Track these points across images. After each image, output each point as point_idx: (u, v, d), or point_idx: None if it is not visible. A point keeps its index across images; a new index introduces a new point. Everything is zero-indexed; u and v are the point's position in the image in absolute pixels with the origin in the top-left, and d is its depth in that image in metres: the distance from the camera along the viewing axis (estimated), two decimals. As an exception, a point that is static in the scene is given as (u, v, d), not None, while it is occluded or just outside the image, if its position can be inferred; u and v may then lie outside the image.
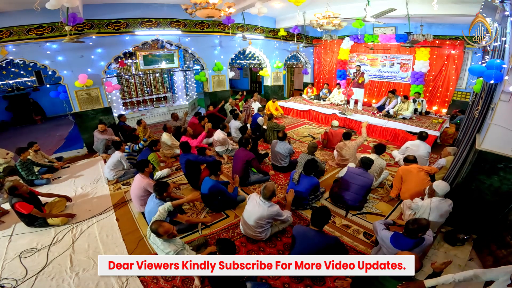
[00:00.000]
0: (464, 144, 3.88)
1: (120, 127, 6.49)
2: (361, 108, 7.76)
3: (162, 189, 3.00)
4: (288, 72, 12.29)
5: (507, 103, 2.59)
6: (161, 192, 3.00)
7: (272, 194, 2.95)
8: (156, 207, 2.92)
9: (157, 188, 3.01)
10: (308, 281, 2.57)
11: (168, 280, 2.63)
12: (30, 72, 6.57)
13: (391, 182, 4.12)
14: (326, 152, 5.68)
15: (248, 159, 4.20)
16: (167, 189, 3.05)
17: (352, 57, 9.64)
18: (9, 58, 5.15)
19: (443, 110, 7.76)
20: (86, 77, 5.69)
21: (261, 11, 5.60)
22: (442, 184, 2.91)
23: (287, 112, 8.96)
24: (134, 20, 6.11)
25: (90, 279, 2.68)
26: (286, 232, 3.25)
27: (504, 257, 2.63)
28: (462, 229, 3.10)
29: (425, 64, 7.70)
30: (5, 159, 4.85)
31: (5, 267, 2.87)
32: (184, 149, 4.35)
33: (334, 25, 5.55)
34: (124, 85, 8.50)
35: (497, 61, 2.74)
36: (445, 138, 6.10)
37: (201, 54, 7.64)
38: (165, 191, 3.02)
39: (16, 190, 3.31)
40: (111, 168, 4.62)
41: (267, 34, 8.86)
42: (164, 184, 3.06)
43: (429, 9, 4.95)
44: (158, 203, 2.95)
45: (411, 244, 2.31)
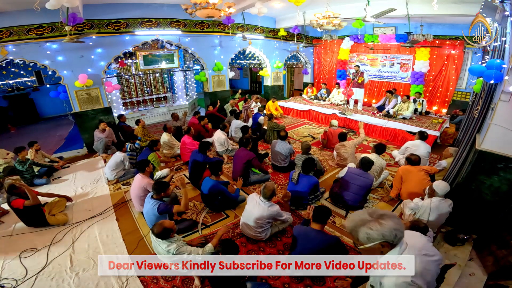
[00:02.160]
0: (464, 144, 3.88)
1: (120, 127, 6.49)
2: (361, 108, 7.76)
3: (161, 189, 3.00)
4: (288, 72, 12.29)
5: (507, 103, 2.59)
6: (159, 191, 2.99)
7: (272, 194, 2.95)
8: (152, 208, 2.91)
9: (156, 187, 2.99)
10: (308, 281, 2.57)
11: (168, 280, 2.63)
12: (30, 72, 6.58)
13: (391, 182, 4.12)
14: (326, 152, 5.68)
15: (249, 159, 4.21)
16: (166, 190, 3.05)
17: (352, 57, 9.65)
18: (9, 58, 5.15)
19: (443, 110, 7.76)
20: (86, 77, 5.69)
21: (261, 11, 5.60)
22: (442, 184, 2.91)
23: (287, 112, 8.96)
24: (134, 20, 6.11)
25: (90, 279, 2.67)
26: (286, 232, 3.25)
27: (504, 257, 2.63)
28: (462, 229, 3.10)
29: (425, 64, 7.70)
30: (5, 159, 4.86)
31: (5, 267, 2.87)
32: (200, 149, 4.27)
33: (334, 25, 5.55)
34: (124, 85, 8.50)
35: (497, 61, 2.75)
36: (445, 138, 6.10)
37: (201, 54, 7.64)
38: (163, 191, 3.02)
39: (15, 189, 3.32)
40: (113, 168, 4.62)
41: (267, 34, 8.86)
42: (164, 184, 3.05)
43: (429, 9, 4.95)
44: (153, 204, 2.93)
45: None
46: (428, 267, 1.33)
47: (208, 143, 4.46)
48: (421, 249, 1.37)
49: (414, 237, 1.50)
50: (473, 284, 2.61)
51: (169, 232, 2.46)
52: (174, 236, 2.56)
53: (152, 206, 2.92)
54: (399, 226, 1.24)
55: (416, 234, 1.55)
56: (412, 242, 1.37)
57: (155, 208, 2.89)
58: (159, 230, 2.42)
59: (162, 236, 2.45)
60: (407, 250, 1.30)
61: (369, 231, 1.23)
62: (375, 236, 1.23)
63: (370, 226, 1.23)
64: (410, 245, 1.33)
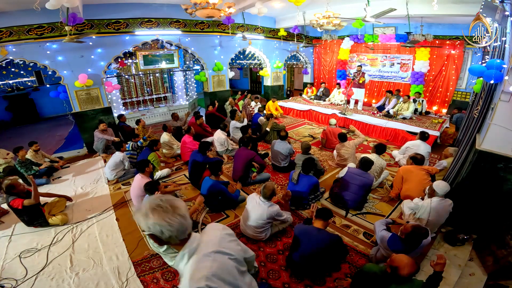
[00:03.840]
0: (464, 144, 3.88)
1: (120, 127, 6.49)
2: (361, 108, 7.76)
3: (153, 189, 3.08)
4: (288, 72, 12.29)
5: (507, 103, 2.59)
6: (153, 191, 3.06)
7: (272, 194, 2.95)
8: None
9: (148, 188, 3.08)
10: (308, 281, 2.57)
11: (168, 280, 2.63)
12: (30, 72, 6.57)
13: (391, 182, 4.12)
14: (325, 152, 5.68)
15: (251, 157, 4.21)
16: (158, 188, 3.13)
17: (352, 57, 9.65)
18: (9, 58, 5.14)
19: (443, 110, 7.77)
20: (86, 77, 5.68)
21: (261, 11, 5.60)
22: (442, 184, 2.91)
23: (287, 112, 8.96)
24: (134, 20, 6.11)
25: (90, 279, 2.67)
26: (286, 232, 3.25)
27: (504, 257, 2.63)
28: (462, 229, 3.10)
29: (425, 64, 7.70)
30: (5, 159, 4.85)
31: (5, 267, 2.87)
32: (200, 149, 4.27)
33: (334, 25, 5.55)
34: (124, 85, 8.49)
35: (497, 61, 2.75)
36: (445, 138, 6.11)
37: (201, 54, 7.64)
38: (156, 190, 3.09)
39: (13, 189, 3.32)
40: (112, 168, 4.62)
41: (267, 34, 8.86)
42: (154, 184, 3.14)
43: (429, 9, 4.95)
44: None
45: (407, 249, 2.32)
46: (225, 266, 1.19)
47: (208, 143, 4.46)
48: (216, 245, 1.23)
49: (211, 230, 1.36)
50: (473, 284, 2.61)
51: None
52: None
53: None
54: (168, 222, 1.08)
55: (214, 226, 1.41)
56: (207, 238, 1.26)
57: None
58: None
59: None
60: (199, 249, 1.18)
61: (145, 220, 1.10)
62: (143, 226, 1.12)
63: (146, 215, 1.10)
64: (204, 241, 1.23)
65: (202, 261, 1.16)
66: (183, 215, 1.14)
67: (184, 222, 1.14)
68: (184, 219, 1.14)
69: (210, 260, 1.16)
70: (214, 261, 1.17)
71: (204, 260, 1.16)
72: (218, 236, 1.30)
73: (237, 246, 1.36)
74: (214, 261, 1.17)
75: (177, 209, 1.13)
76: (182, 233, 1.15)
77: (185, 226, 1.15)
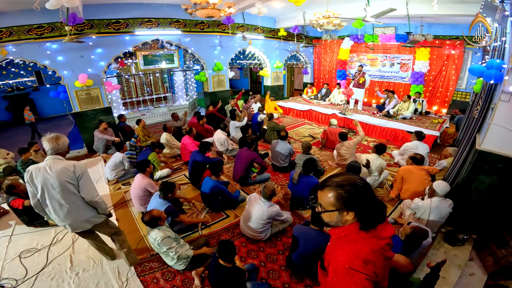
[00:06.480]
0: (464, 144, 3.88)
1: (120, 127, 6.49)
2: (361, 108, 7.76)
3: (168, 190, 3.06)
4: (288, 72, 12.29)
5: (507, 103, 2.59)
6: (167, 192, 3.05)
7: (272, 194, 2.95)
8: (160, 206, 2.93)
9: (163, 188, 3.05)
10: (308, 281, 2.57)
11: (168, 280, 2.63)
12: (30, 72, 6.58)
13: (391, 182, 4.12)
14: (325, 152, 5.68)
15: (252, 159, 4.22)
16: (173, 190, 3.11)
17: (352, 57, 9.64)
18: (9, 58, 5.14)
19: (443, 110, 7.76)
20: (86, 77, 5.68)
21: (261, 11, 5.60)
22: (442, 184, 2.91)
23: (287, 112, 8.96)
24: (134, 20, 6.10)
25: (90, 279, 2.68)
26: (286, 232, 3.25)
27: (504, 257, 2.63)
28: (462, 229, 3.10)
29: (425, 64, 7.69)
30: (5, 159, 4.85)
31: (5, 267, 2.87)
32: (200, 149, 4.27)
33: (334, 25, 5.55)
34: (124, 85, 8.50)
35: (497, 61, 2.74)
36: (445, 138, 6.10)
37: (201, 54, 7.64)
38: (170, 192, 3.08)
39: (13, 189, 3.33)
40: (112, 168, 4.62)
41: (267, 34, 8.86)
42: (170, 185, 3.11)
43: (429, 9, 4.95)
44: (162, 203, 2.98)
45: (407, 250, 2.32)
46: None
47: (208, 143, 4.46)
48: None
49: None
50: (473, 284, 2.61)
51: (157, 220, 2.56)
52: (163, 225, 2.64)
53: (161, 205, 2.96)
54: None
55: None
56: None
57: (164, 207, 2.93)
58: (148, 219, 2.53)
59: (151, 224, 2.55)
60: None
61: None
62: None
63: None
64: None
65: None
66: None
67: None
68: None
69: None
70: None
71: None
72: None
73: None
74: None
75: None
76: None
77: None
